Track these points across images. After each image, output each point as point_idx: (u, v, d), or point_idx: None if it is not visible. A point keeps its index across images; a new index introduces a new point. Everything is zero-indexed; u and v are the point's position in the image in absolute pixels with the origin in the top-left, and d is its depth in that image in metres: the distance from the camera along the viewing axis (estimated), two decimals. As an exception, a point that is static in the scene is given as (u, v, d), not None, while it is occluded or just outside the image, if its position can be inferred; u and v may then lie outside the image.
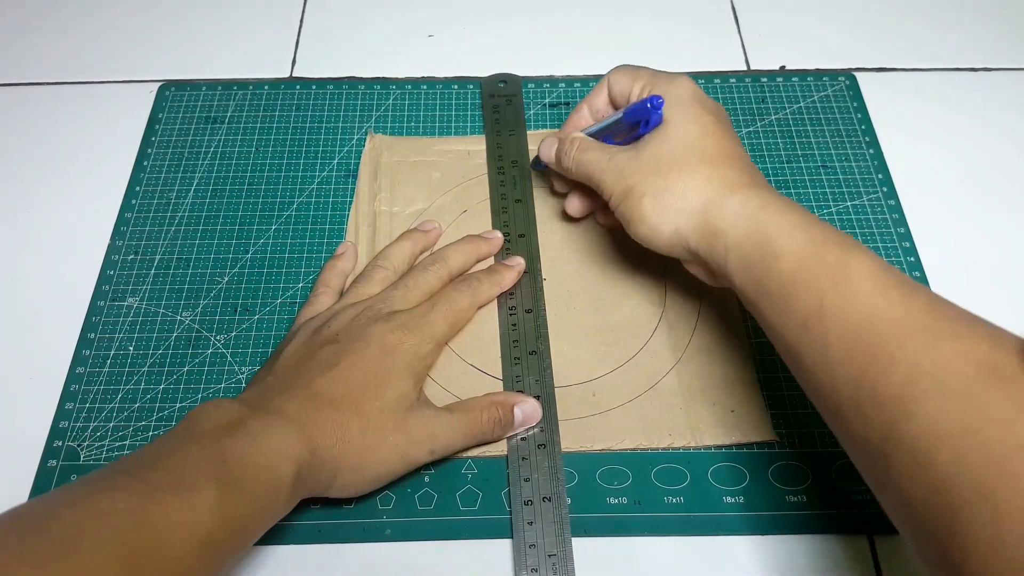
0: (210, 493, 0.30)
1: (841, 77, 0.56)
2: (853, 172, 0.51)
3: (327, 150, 0.52)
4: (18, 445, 0.41)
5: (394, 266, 0.44)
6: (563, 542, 0.37)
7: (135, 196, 0.50)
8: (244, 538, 0.33)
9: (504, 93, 0.55)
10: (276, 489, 0.33)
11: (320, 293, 0.44)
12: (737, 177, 0.37)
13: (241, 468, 0.32)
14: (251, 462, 0.32)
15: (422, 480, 0.40)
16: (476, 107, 0.54)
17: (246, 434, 0.33)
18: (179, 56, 0.58)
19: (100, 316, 0.45)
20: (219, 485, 0.31)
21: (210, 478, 0.31)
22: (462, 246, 0.46)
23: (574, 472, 0.40)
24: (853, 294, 0.31)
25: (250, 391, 0.38)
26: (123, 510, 0.29)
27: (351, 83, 0.56)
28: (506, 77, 0.55)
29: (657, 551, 0.38)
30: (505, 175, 0.50)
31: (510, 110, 0.54)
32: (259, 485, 0.32)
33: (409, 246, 0.46)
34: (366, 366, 0.38)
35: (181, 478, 0.31)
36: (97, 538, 0.28)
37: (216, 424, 0.33)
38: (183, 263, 0.47)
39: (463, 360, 0.44)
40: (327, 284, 0.45)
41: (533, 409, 0.41)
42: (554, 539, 0.37)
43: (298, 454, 0.34)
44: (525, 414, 0.40)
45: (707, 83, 0.55)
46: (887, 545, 0.39)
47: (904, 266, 0.47)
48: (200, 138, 0.53)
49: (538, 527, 0.38)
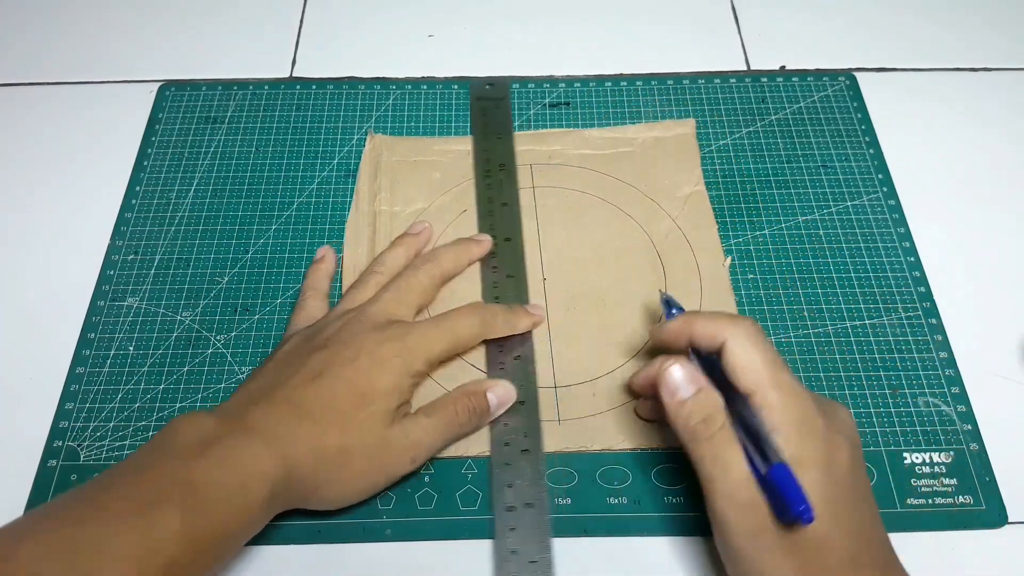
0: (174, 518, 0.30)
1: (841, 77, 0.56)
2: (853, 172, 0.51)
3: (327, 150, 0.52)
4: (18, 445, 0.41)
5: (389, 271, 0.44)
6: (545, 548, 0.37)
7: (135, 196, 0.50)
8: (215, 558, 0.32)
9: (492, 96, 0.55)
10: (247, 509, 0.32)
11: (308, 297, 0.44)
12: (842, 557, 0.31)
13: (211, 490, 0.31)
14: (222, 483, 0.32)
15: (422, 480, 0.40)
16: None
17: (219, 454, 0.32)
18: (179, 56, 0.58)
19: (100, 316, 0.45)
20: (184, 509, 0.30)
21: (176, 503, 0.30)
22: (453, 248, 0.46)
23: (574, 472, 0.40)
24: None
25: (235, 398, 0.37)
26: (70, 547, 0.28)
27: (351, 83, 0.56)
28: (494, 80, 0.55)
29: (657, 551, 0.38)
30: (492, 178, 0.50)
31: (498, 113, 0.53)
32: (229, 507, 0.32)
33: (403, 251, 0.45)
34: (352, 378, 0.37)
35: (143, 504, 0.30)
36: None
37: (188, 443, 0.33)
38: (183, 263, 0.47)
39: (463, 361, 0.44)
40: (313, 287, 0.44)
41: (506, 391, 0.40)
42: (536, 545, 0.37)
43: (272, 473, 0.33)
44: (500, 397, 0.40)
45: (707, 83, 0.56)
46: (887, 545, 0.39)
47: (904, 266, 0.47)
48: (200, 138, 0.53)
49: (520, 533, 0.38)
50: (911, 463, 0.41)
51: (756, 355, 0.34)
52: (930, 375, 0.43)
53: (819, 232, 0.48)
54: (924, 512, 0.39)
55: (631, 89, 0.55)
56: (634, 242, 0.48)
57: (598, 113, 0.54)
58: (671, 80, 0.56)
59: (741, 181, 0.51)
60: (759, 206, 0.50)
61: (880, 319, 0.45)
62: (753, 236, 0.48)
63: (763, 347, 0.34)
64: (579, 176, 0.51)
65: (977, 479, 0.40)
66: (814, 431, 0.32)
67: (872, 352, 0.44)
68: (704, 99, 0.55)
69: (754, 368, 0.34)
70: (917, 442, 0.41)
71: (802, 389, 0.34)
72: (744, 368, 0.34)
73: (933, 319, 0.45)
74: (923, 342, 0.44)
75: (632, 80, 0.56)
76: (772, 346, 0.35)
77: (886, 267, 0.47)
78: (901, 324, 0.45)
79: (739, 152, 0.52)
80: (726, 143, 0.52)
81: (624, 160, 0.52)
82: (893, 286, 0.46)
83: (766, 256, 0.47)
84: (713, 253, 0.47)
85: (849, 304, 0.46)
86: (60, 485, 0.40)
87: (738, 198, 0.50)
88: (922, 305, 0.46)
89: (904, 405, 0.42)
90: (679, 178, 0.51)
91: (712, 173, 0.51)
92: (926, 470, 0.40)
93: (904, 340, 0.44)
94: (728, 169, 0.51)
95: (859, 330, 0.45)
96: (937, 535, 0.39)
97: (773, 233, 0.48)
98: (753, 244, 0.48)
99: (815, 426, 0.32)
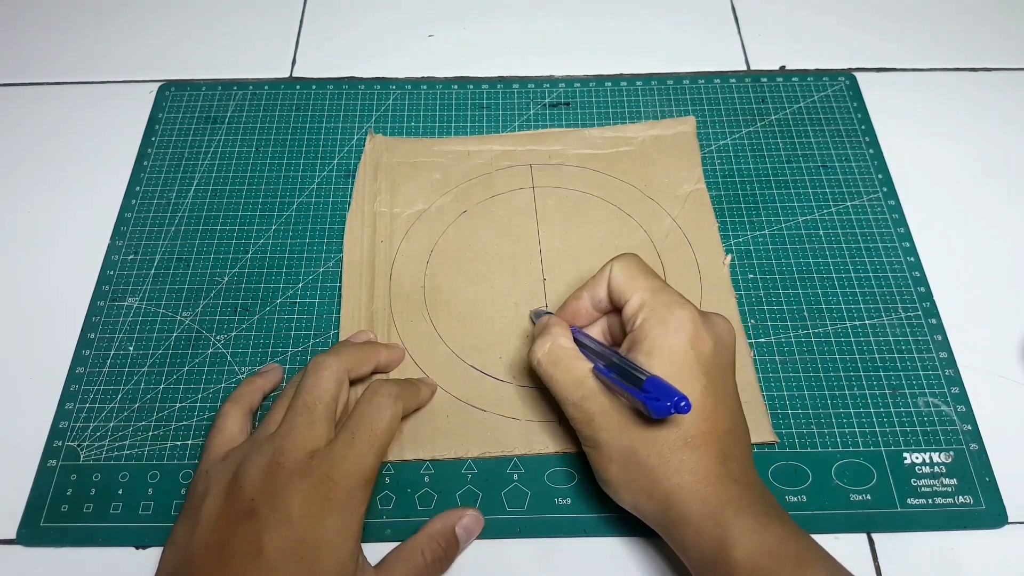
0: None
1: (841, 77, 0.56)
2: (853, 172, 0.51)
3: (327, 150, 0.52)
4: (18, 445, 0.41)
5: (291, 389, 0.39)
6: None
7: (135, 196, 0.50)
8: None
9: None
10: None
11: (225, 412, 0.39)
12: (708, 466, 0.34)
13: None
14: None
15: (422, 480, 0.40)
16: (476, 107, 0.54)
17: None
18: (179, 56, 0.58)
19: (100, 316, 0.45)
20: None
21: None
22: (359, 347, 0.42)
23: (574, 472, 0.40)
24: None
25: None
26: None
27: (351, 83, 0.56)
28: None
29: (657, 551, 0.38)
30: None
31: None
32: None
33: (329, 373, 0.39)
34: (293, 548, 0.33)
35: None
36: None
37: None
38: (183, 263, 0.48)
39: (463, 362, 0.44)
40: (236, 400, 0.40)
41: (473, 520, 0.38)
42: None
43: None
44: (467, 529, 0.38)
45: (707, 83, 0.56)
46: (887, 544, 0.39)
47: (904, 266, 0.47)
48: (200, 138, 0.53)
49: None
50: (911, 463, 0.41)
51: (635, 269, 0.38)
52: (930, 375, 0.43)
53: (819, 232, 0.48)
54: (924, 512, 0.39)
55: (631, 89, 0.55)
56: (634, 241, 0.48)
57: (598, 113, 0.54)
58: (671, 80, 0.56)
59: (741, 181, 0.51)
60: (759, 206, 0.50)
61: (880, 319, 0.45)
62: (753, 236, 0.48)
63: (642, 265, 0.38)
64: (579, 176, 0.51)
65: (977, 479, 0.40)
66: (680, 328, 0.35)
67: (872, 352, 0.44)
68: (704, 99, 0.55)
69: (631, 276, 0.38)
70: (917, 442, 0.41)
71: (673, 290, 0.37)
72: (623, 281, 0.38)
73: (933, 319, 0.45)
74: (923, 342, 0.44)
75: (632, 80, 0.56)
76: (652, 270, 0.39)
77: (886, 267, 0.47)
78: (901, 324, 0.45)
79: (739, 152, 0.52)
80: (726, 143, 0.52)
81: (624, 159, 0.52)
82: (893, 286, 0.46)
83: (766, 256, 0.47)
84: (713, 252, 0.47)
85: (849, 304, 0.46)
86: (60, 485, 0.40)
87: (738, 198, 0.50)
88: (922, 305, 0.46)
89: (904, 405, 0.42)
90: (679, 176, 0.51)
91: (712, 173, 0.51)
92: (926, 470, 0.40)
93: (904, 340, 0.44)
94: (728, 169, 0.51)
95: (859, 330, 0.45)
96: (937, 535, 0.39)
97: (773, 233, 0.48)
98: (753, 244, 0.48)
99: (681, 320, 0.36)
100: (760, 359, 0.44)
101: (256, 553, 0.33)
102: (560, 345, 0.38)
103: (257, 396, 0.41)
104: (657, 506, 0.34)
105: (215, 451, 0.38)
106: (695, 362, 0.35)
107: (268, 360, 0.44)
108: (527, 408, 0.42)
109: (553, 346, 0.38)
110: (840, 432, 0.42)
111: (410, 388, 0.40)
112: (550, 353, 0.38)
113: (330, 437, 0.36)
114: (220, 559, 0.33)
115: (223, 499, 0.35)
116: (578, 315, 0.40)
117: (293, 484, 0.34)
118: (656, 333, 0.35)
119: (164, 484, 0.40)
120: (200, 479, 0.37)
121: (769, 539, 0.32)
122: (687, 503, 0.33)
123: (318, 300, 0.46)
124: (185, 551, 0.34)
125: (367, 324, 0.45)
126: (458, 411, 0.42)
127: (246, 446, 0.37)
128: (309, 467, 0.34)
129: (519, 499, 0.40)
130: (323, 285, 0.47)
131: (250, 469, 0.35)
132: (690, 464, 0.34)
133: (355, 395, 0.40)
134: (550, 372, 0.37)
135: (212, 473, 0.36)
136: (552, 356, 0.38)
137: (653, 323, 0.36)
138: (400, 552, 0.37)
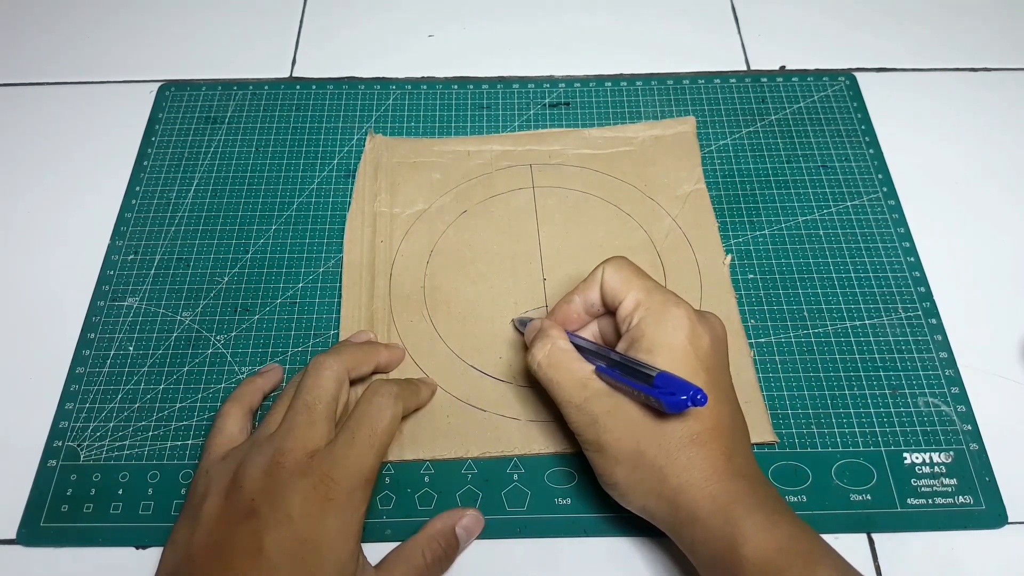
0: None
1: (841, 77, 0.56)
2: (853, 172, 0.51)
3: (327, 150, 0.52)
4: (18, 445, 0.41)
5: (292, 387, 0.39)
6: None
7: (135, 196, 0.50)
8: None
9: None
10: None
11: (225, 413, 0.39)
12: (715, 462, 0.34)
13: None
14: None
15: (422, 480, 0.40)
16: (476, 107, 0.54)
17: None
18: (179, 56, 0.58)
19: (100, 316, 0.45)
20: None
21: None
22: (360, 347, 0.41)
23: (574, 472, 0.40)
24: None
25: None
26: None
27: (351, 83, 0.56)
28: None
29: (657, 551, 0.38)
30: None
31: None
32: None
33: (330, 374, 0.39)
34: (293, 548, 0.33)
35: None
36: None
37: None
38: (183, 263, 0.48)
39: (464, 362, 0.44)
40: (236, 400, 0.40)
41: (473, 520, 0.38)
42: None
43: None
44: (468, 529, 0.38)
45: (707, 83, 0.56)
46: (887, 544, 0.39)
47: (904, 266, 0.47)
48: (200, 138, 0.53)
49: None
50: (911, 463, 0.41)
51: (627, 270, 0.38)
52: (930, 375, 0.43)
53: (819, 232, 0.48)
54: (924, 512, 0.39)
55: (631, 89, 0.55)
56: (634, 241, 0.48)
57: (598, 113, 0.54)
58: (671, 80, 0.56)
59: (741, 181, 0.51)
60: (759, 206, 0.50)
61: (880, 319, 0.45)
62: (753, 236, 0.48)
63: (633, 267, 0.38)
64: (579, 176, 0.51)
65: (977, 479, 0.40)
66: (678, 325, 0.36)
67: (872, 352, 0.44)
68: (704, 99, 0.55)
69: (624, 277, 0.38)
70: (917, 442, 0.41)
71: (667, 290, 0.37)
72: (616, 282, 0.38)
73: (933, 319, 0.45)
74: (923, 342, 0.44)
75: (632, 80, 0.56)
76: (643, 270, 0.38)
77: (886, 267, 0.47)
78: (901, 324, 0.45)
79: (739, 152, 0.52)
80: (726, 143, 0.52)
81: (624, 159, 0.52)
82: (893, 286, 0.46)
83: (766, 256, 0.47)
84: (713, 252, 0.47)
85: (849, 304, 0.46)
86: (60, 485, 0.40)
87: (738, 198, 0.50)
88: (922, 305, 0.46)
89: (904, 405, 0.42)
90: (679, 176, 0.51)
91: (712, 173, 0.51)
92: (926, 470, 0.40)
93: (904, 340, 0.44)
94: (728, 169, 0.51)
95: (859, 330, 0.45)
96: (937, 535, 0.39)
97: (773, 233, 0.48)
98: (753, 244, 0.48)
99: (678, 317, 0.36)
100: (760, 359, 0.44)
101: (256, 553, 0.32)
102: (560, 347, 0.38)
103: (257, 396, 0.41)
104: (667, 505, 0.34)
105: (215, 451, 0.38)
106: (695, 358, 0.35)
107: (268, 360, 0.44)
108: (527, 408, 0.42)
109: (553, 348, 0.38)
110: (840, 432, 0.42)
111: (410, 388, 0.40)
112: (550, 356, 0.38)
113: (330, 437, 0.36)
114: (220, 559, 0.33)
115: (223, 499, 0.35)
116: (569, 319, 0.40)
117: (293, 484, 0.34)
118: (654, 331, 0.36)
119: (164, 484, 0.40)
120: (200, 479, 0.37)
121: (779, 536, 0.32)
122: (696, 500, 0.33)
123: (318, 300, 0.46)
124: (185, 551, 0.34)
125: (367, 324, 0.45)
126: (458, 411, 0.42)
127: (246, 446, 0.37)
128: (309, 467, 0.34)
129: (519, 499, 0.40)
130: (323, 285, 0.47)
131: (250, 469, 0.35)
132: (698, 460, 0.34)
133: (355, 395, 0.41)
134: (551, 375, 0.37)
135: (212, 473, 0.36)
136: (552, 359, 0.37)
137: (650, 321, 0.36)
138: (400, 552, 0.37)
